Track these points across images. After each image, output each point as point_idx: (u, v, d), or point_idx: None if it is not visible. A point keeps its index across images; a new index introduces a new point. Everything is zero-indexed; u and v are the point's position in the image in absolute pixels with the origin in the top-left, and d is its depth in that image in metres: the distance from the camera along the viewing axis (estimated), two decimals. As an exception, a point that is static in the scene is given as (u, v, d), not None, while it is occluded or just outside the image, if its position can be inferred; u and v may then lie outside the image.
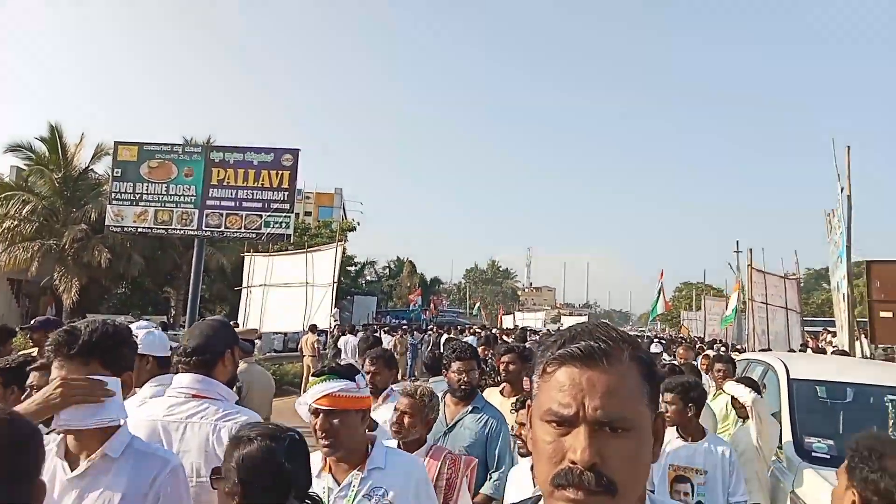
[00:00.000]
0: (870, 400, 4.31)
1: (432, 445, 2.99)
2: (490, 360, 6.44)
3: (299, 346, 15.20)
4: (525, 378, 4.07)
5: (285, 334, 25.37)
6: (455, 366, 3.52)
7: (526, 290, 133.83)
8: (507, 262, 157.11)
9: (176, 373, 2.48)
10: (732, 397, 4.41)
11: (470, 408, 3.58)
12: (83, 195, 26.03)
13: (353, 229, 39.59)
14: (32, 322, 5.01)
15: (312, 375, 2.28)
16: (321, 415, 2.18)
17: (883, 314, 9.11)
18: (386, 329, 23.88)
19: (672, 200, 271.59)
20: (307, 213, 48.16)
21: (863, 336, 12.93)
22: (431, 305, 40.19)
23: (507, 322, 49.88)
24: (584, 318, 57.99)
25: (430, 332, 22.15)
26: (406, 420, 2.89)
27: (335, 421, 2.17)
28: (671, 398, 3.67)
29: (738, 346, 22.43)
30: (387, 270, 53.14)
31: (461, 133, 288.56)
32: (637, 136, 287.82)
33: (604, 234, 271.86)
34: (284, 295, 20.57)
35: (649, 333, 22.64)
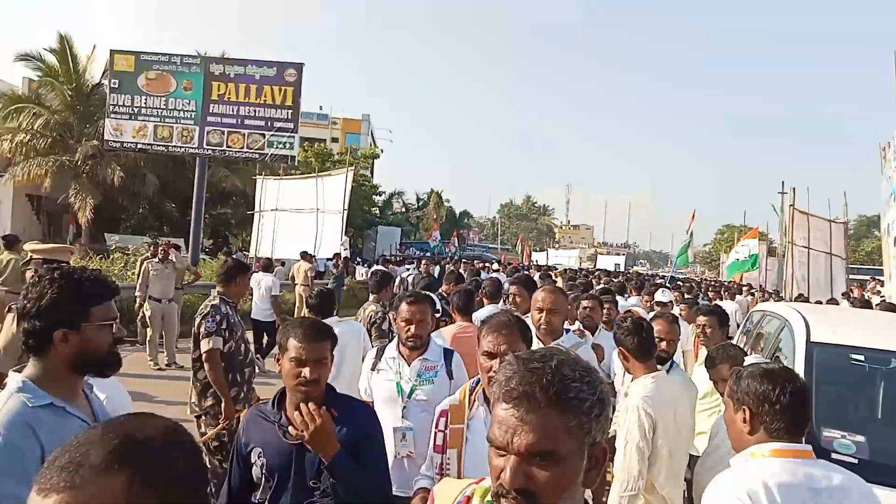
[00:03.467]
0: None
1: None
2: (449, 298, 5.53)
3: (290, 274, 14.35)
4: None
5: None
6: None
7: (563, 227, 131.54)
8: (546, 200, 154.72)
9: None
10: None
11: None
12: (96, 110, 25.19)
13: (376, 156, 38.25)
14: None
15: None
16: None
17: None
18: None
19: (717, 140, 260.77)
20: (334, 140, 46.93)
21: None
22: (454, 238, 38.97)
23: (539, 260, 48.56)
24: (620, 259, 56.58)
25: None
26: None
27: None
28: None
29: (774, 293, 20.92)
30: (416, 203, 51.99)
31: (504, 68, 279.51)
32: (682, 72, 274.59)
33: (647, 174, 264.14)
34: (295, 220, 19.70)
35: (670, 276, 21.04)
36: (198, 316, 4.40)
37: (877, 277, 24.22)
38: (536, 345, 3.20)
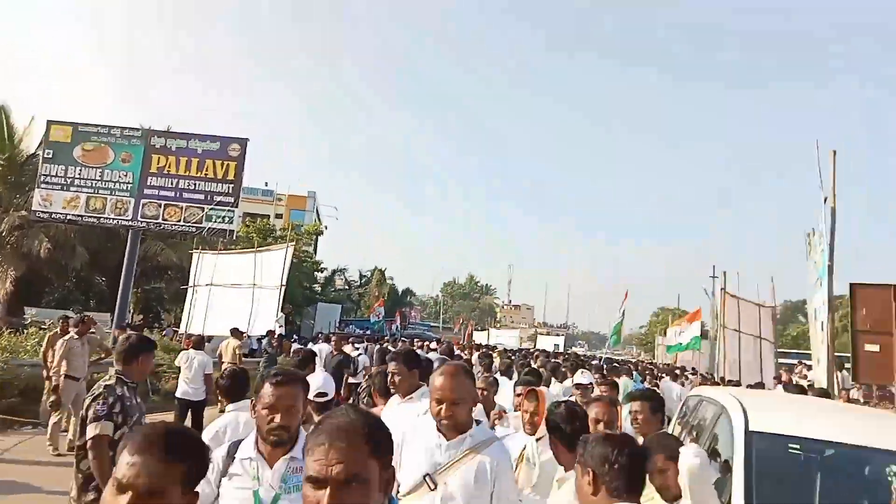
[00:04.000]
0: (865, 469, 3.01)
1: None
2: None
3: (218, 352, 13.74)
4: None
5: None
6: None
7: (504, 306, 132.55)
8: (488, 279, 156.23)
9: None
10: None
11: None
12: (28, 181, 24.39)
13: (320, 233, 38.05)
14: None
15: None
16: None
17: (868, 347, 7.92)
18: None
19: (652, 225, 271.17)
20: (278, 216, 46.68)
21: (842, 370, 11.82)
22: (397, 317, 38.71)
23: (480, 339, 48.56)
24: (560, 339, 56.92)
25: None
26: None
27: None
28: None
29: (708, 375, 21.32)
30: (359, 280, 51.67)
31: (444, 143, 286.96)
32: (615, 154, 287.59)
33: (588, 255, 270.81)
34: (231, 295, 19.18)
35: (605, 357, 21.25)
36: (88, 397, 3.94)
37: (803, 361, 25.07)
38: (438, 441, 2.65)
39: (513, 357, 14.23)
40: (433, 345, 20.37)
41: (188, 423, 9.86)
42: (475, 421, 2.73)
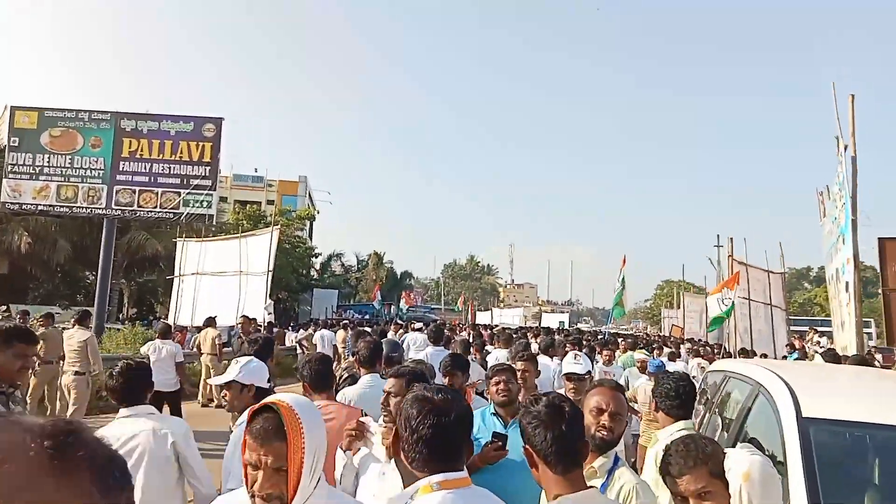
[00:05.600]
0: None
1: None
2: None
3: (196, 342, 12.98)
4: None
5: (230, 328, 23.11)
6: None
7: (507, 286, 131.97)
8: (490, 259, 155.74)
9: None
10: (664, 459, 1.98)
11: None
12: (4, 173, 23.66)
13: (312, 218, 37.14)
14: None
15: None
16: None
17: (904, 306, 7.11)
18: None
19: (657, 197, 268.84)
20: (270, 202, 45.76)
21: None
22: (401, 301, 37.98)
23: (484, 319, 47.90)
24: (565, 316, 56.40)
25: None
26: None
27: None
28: None
29: (717, 347, 20.53)
30: (357, 264, 50.86)
31: (444, 127, 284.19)
32: (618, 129, 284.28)
33: (590, 231, 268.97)
34: (218, 284, 18.43)
35: (606, 333, 20.31)
36: None
37: (815, 328, 24.32)
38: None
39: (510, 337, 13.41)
40: (417, 325, 19.54)
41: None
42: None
